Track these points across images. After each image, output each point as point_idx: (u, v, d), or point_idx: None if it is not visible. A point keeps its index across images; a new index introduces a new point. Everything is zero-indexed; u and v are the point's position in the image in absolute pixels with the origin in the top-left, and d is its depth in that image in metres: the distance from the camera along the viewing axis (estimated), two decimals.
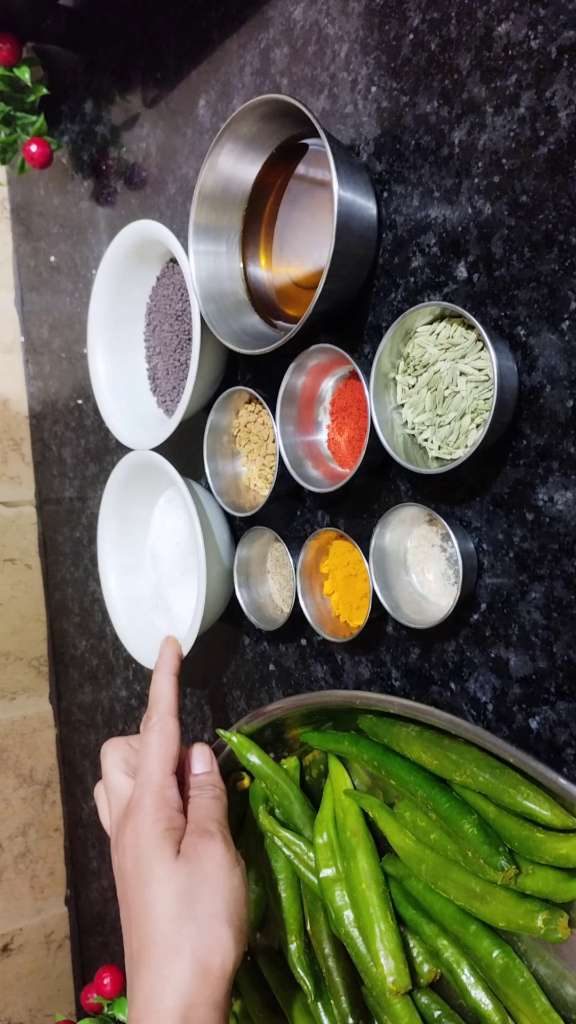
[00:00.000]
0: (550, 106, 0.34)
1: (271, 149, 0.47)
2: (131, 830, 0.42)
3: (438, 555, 0.42)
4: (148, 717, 0.47)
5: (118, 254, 0.58)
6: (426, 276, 0.40)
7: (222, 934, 0.39)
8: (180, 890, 0.39)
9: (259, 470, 0.53)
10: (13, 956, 0.91)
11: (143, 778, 0.44)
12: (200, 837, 0.42)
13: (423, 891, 0.43)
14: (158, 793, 0.43)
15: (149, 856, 0.40)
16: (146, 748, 0.45)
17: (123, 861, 0.42)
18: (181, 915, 0.38)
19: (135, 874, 0.41)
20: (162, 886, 0.39)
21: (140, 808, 0.42)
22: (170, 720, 0.46)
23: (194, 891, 0.39)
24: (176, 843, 0.41)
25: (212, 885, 0.40)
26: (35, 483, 0.94)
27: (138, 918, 0.39)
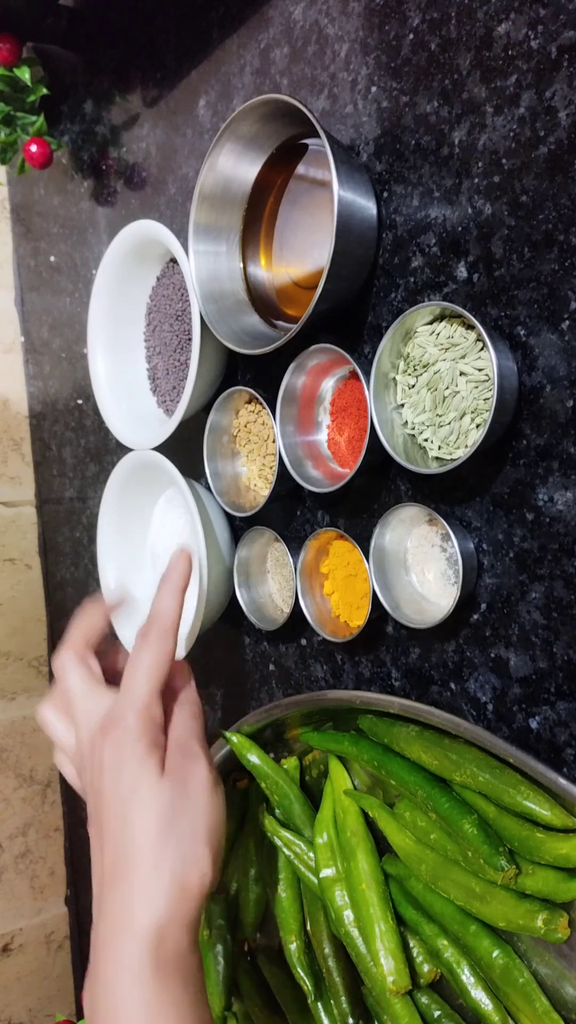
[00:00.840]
0: (550, 106, 0.34)
1: (271, 149, 0.47)
2: (112, 745, 0.40)
3: (438, 555, 0.42)
4: (147, 631, 0.44)
5: (118, 254, 0.58)
6: (426, 276, 0.40)
7: (201, 854, 0.38)
8: (163, 808, 0.38)
9: (259, 470, 0.53)
10: (13, 956, 0.91)
11: (129, 693, 0.41)
12: (183, 756, 0.41)
13: (423, 891, 0.43)
14: (144, 711, 0.41)
15: (132, 773, 0.39)
16: (138, 662, 0.42)
17: (100, 777, 0.40)
18: (163, 834, 0.38)
19: (114, 790, 0.39)
20: (145, 803, 0.38)
21: (123, 724, 0.40)
22: (169, 638, 0.44)
23: (176, 810, 0.39)
24: (160, 760, 0.40)
25: (195, 805, 0.39)
26: (35, 483, 0.94)
27: (116, 835, 0.38)
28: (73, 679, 0.45)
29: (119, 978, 0.35)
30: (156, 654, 0.43)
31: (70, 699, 0.45)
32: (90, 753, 0.42)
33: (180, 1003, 0.35)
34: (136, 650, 0.43)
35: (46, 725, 0.47)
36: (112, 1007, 0.35)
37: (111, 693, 0.44)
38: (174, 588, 0.46)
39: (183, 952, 0.37)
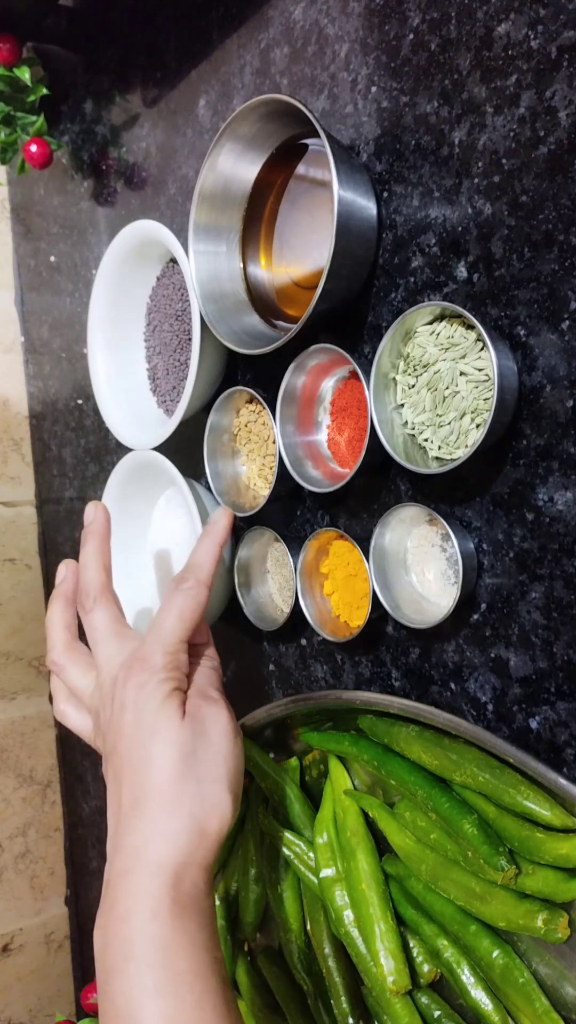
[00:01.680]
0: (550, 106, 0.34)
1: (271, 149, 0.47)
2: (136, 684, 0.40)
3: (438, 555, 0.42)
4: (183, 578, 0.44)
5: (118, 254, 0.58)
6: (426, 276, 0.40)
7: (222, 798, 0.38)
8: (184, 749, 0.38)
9: (259, 470, 0.53)
10: (13, 956, 0.91)
11: (158, 635, 0.41)
12: (204, 701, 0.41)
13: (423, 891, 0.43)
14: (172, 654, 0.41)
15: (155, 712, 0.39)
16: (171, 607, 0.42)
17: (121, 715, 0.40)
18: (184, 774, 0.38)
19: (135, 728, 0.39)
20: (166, 743, 0.38)
21: (150, 664, 0.40)
22: (204, 589, 0.44)
23: (197, 752, 0.39)
24: (182, 703, 0.40)
25: (215, 749, 0.39)
26: (35, 483, 0.94)
27: (136, 772, 0.38)
28: (100, 618, 0.44)
29: (136, 911, 0.35)
30: (190, 600, 0.43)
31: (95, 638, 0.44)
32: (111, 690, 0.41)
33: (195, 942, 0.35)
34: (170, 594, 0.43)
35: (61, 670, 0.46)
36: (127, 940, 0.35)
37: (136, 635, 0.44)
38: (214, 542, 0.46)
39: (199, 893, 0.37)
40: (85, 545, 0.47)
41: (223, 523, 0.47)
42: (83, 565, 0.46)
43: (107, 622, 0.44)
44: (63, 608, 0.48)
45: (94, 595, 0.45)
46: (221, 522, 0.47)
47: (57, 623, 0.47)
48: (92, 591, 0.45)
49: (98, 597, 0.45)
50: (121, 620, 0.45)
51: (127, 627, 0.45)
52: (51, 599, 0.48)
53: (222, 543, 0.47)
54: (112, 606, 0.45)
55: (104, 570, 0.46)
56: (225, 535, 0.47)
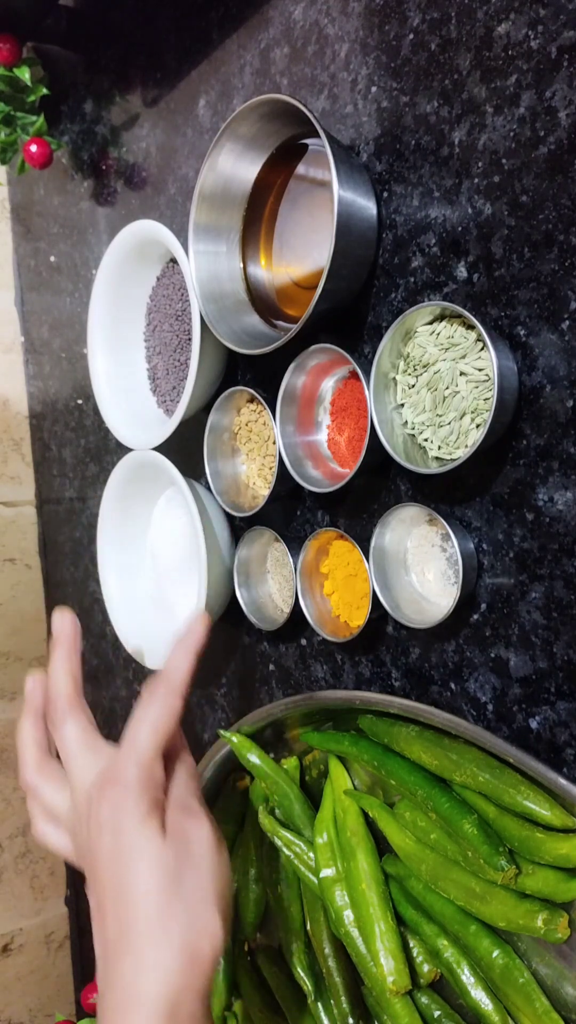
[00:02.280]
0: (550, 106, 0.34)
1: (271, 149, 0.47)
2: (111, 803, 0.38)
3: (438, 555, 0.42)
4: (155, 688, 0.42)
5: (118, 254, 0.58)
6: (426, 276, 0.40)
7: (211, 919, 0.36)
8: (167, 871, 0.36)
9: (259, 470, 0.53)
10: (13, 956, 0.91)
11: (132, 750, 0.39)
12: (184, 815, 0.39)
13: (423, 891, 0.43)
14: (146, 767, 0.39)
15: (132, 833, 0.37)
16: (144, 718, 0.40)
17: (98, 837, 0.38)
18: (168, 898, 0.36)
19: (114, 853, 0.37)
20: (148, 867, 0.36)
21: (124, 780, 0.38)
22: (177, 699, 0.42)
23: (182, 873, 0.37)
24: (162, 821, 0.38)
25: (200, 866, 0.37)
26: (35, 483, 0.94)
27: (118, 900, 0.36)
28: (71, 731, 0.42)
29: None
30: (163, 710, 0.41)
31: (67, 754, 0.42)
32: (86, 811, 0.39)
33: None
34: (143, 704, 0.41)
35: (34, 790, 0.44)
36: None
37: (110, 748, 0.42)
38: (188, 650, 0.44)
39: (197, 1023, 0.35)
40: (53, 654, 0.46)
41: (199, 630, 0.45)
42: (51, 676, 0.45)
43: (78, 735, 0.42)
44: (32, 724, 0.46)
45: (63, 708, 0.43)
46: (197, 630, 0.45)
47: (28, 741, 0.45)
48: (61, 704, 0.43)
49: (67, 710, 0.43)
50: (92, 732, 0.43)
51: (99, 739, 0.43)
52: (22, 715, 0.47)
53: (197, 649, 0.45)
54: (82, 718, 0.43)
55: (72, 680, 0.45)
56: (200, 643, 0.45)
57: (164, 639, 0.63)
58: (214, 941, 0.36)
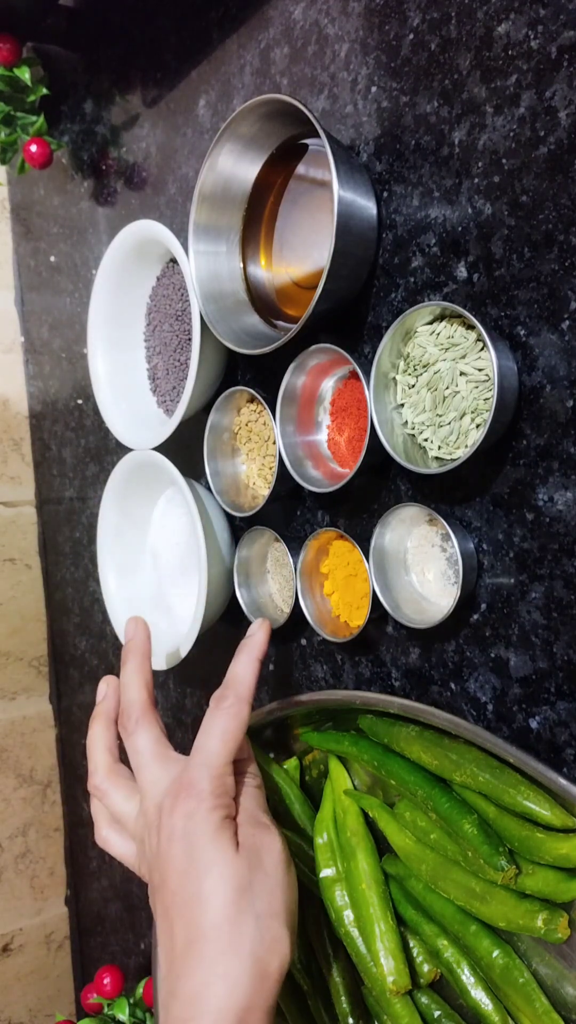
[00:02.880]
0: (550, 106, 0.34)
1: (271, 149, 0.47)
2: (185, 813, 0.38)
3: (438, 555, 0.42)
4: (223, 696, 0.42)
5: (118, 254, 0.58)
6: (426, 276, 0.40)
7: (281, 935, 0.36)
8: (241, 884, 0.36)
9: (259, 470, 0.53)
10: (13, 956, 0.91)
11: (204, 759, 0.39)
12: (257, 829, 0.39)
13: (423, 891, 0.43)
14: (219, 778, 0.39)
15: (206, 844, 0.37)
16: (213, 728, 0.40)
17: (169, 846, 0.38)
18: (241, 911, 0.35)
19: (187, 862, 0.37)
20: (221, 878, 0.36)
21: (197, 790, 0.38)
22: (245, 708, 0.42)
23: (254, 886, 0.36)
24: (234, 833, 0.38)
25: (272, 881, 0.37)
26: (35, 483, 0.94)
27: (188, 910, 0.36)
28: (143, 740, 0.42)
29: None
30: (232, 719, 0.41)
31: (138, 763, 0.42)
32: (157, 819, 0.39)
33: None
34: (211, 714, 0.41)
35: (103, 795, 0.44)
36: None
37: (181, 759, 0.42)
38: (252, 658, 0.44)
39: None
40: (126, 663, 0.46)
41: (260, 636, 0.45)
42: (124, 684, 0.45)
43: (150, 744, 0.42)
44: (104, 728, 0.46)
45: (136, 716, 0.43)
46: (258, 635, 0.45)
47: (98, 745, 0.46)
48: (134, 712, 0.43)
49: (140, 718, 0.43)
50: (164, 742, 0.43)
51: (170, 749, 0.43)
52: (92, 718, 0.47)
53: (261, 657, 0.44)
54: (155, 727, 0.43)
55: (146, 689, 0.45)
56: (263, 648, 0.45)
57: (164, 639, 0.63)
58: (283, 957, 0.36)
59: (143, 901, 0.79)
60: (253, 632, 0.46)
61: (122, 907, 0.83)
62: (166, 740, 0.43)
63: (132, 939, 0.82)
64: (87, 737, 0.46)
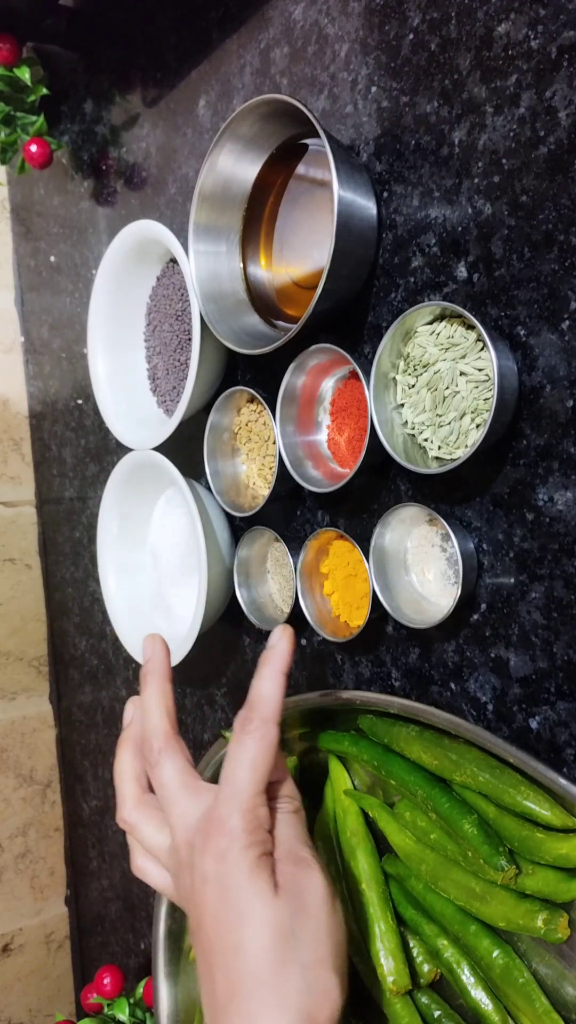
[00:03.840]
0: (550, 106, 0.34)
1: (271, 149, 0.47)
2: (215, 854, 0.35)
3: (438, 555, 0.42)
4: (247, 718, 0.38)
5: (118, 254, 0.58)
6: (426, 276, 0.40)
7: (329, 983, 0.33)
8: (282, 931, 0.33)
9: (259, 470, 0.53)
10: (13, 956, 0.91)
11: (232, 792, 0.36)
12: (297, 866, 0.36)
13: (423, 891, 0.43)
14: (250, 812, 0.36)
15: (242, 888, 0.34)
16: (240, 755, 0.37)
17: (203, 889, 0.35)
18: (284, 961, 0.33)
19: (222, 908, 0.34)
20: (260, 926, 0.33)
21: (227, 827, 0.35)
22: (273, 730, 0.38)
23: (297, 932, 0.34)
24: (271, 872, 0.35)
25: (316, 924, 0.34)
26: (35, 483, 0.94)
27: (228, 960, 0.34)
28: (167, 772, 0.39)
29: None
30: (258, 744, 0.37)
31: (164, 797, 0.39)
32: (189, 859, 0.37)
33: None
34: (236, 741, 0.38)
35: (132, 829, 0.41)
36: None
37: (210, 790, 0.39)
38: (276, 671, 0.40)
39: None
40: (145, 687, 0.43)
41: (284, 646, 0.40)
42: (144, 711, 0.42)
43: (175, 776, 0.39)
44: (132, 756, 0.43)
45: (159, 747, 0.40)
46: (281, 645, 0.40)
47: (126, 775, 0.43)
48: (156, 742, 0.40)
49: (163, 749, 0.40)
50: (190, 771, 0.40)
51: (198, 779, 0.40)
52: (119, 744, 0.44)
53: (286, 669, 0.40)
54: (179, 757, 0.40)
55: (167, 715, 0.42)
56: (288, 660, 0.40)
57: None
58: (333, 1007, 0.33)
59: (143, 901, 0.79)
60: (274, 642, 0.41)
61: (122, 907, 0.83)
62: (193, 769, 0.40)
63: (132, 939, 0.82)
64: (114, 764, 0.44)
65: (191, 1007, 0.59)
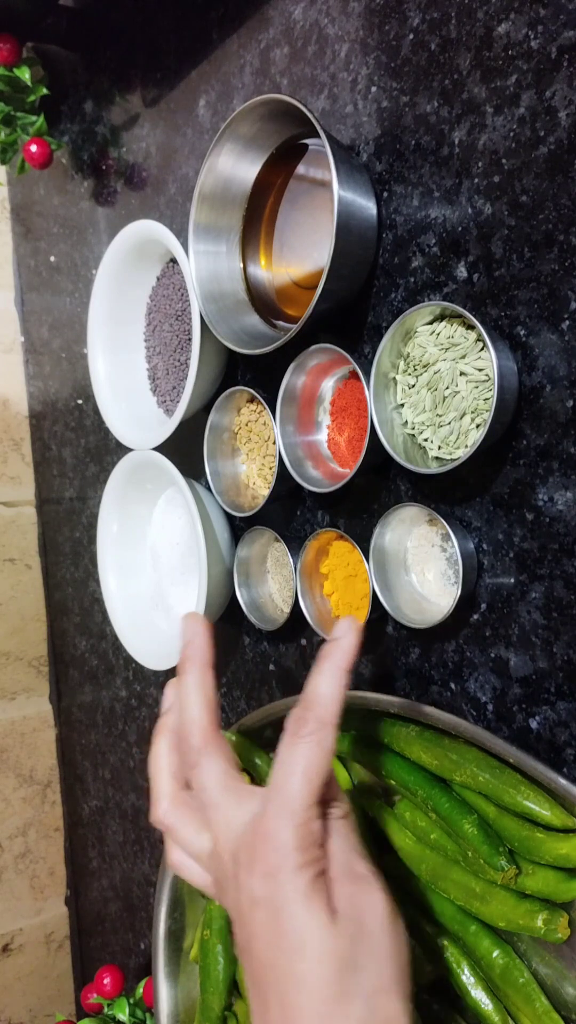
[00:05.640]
0: (550, 106, 0.34)
1: (271, 149, 0.47)
2: (264, 873, 0.31)
3: (438, 555, 0.42)
4: (302, 719, 0.34)
5: (118, 254, 0.58)
6: (426, 276, 0.40)
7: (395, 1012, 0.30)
8: (342, 963, 0.30)
9: (259, 470, 0.53)
10: (13, 956, 0.91)
11: (284, 803, 0.32)
12: (355, 884, 0.32)
13: (423, 891, 0.43)
14: (303, 826, 0.32)
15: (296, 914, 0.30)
16: (293, 762, 0.33)
17: (251, 912, 0.32)
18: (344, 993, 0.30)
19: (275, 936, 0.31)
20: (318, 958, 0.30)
21: (277, 843, 0.32)
22: (330, 733, 0.34)
23: (357, 960, 0.31)
24: (328, 896, 0.31)
25: (379, 949, 0.31)
26: (35, 483, 0.94)
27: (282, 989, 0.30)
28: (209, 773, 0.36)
29: None
30: (315, 750, 0.33)
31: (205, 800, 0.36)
32: (233, 871, 0.33)
33: None
34: (289, 745, 0.34)
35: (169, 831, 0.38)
36: None
37: (255, 793, 0.35)
38: (338, 667, 0.36)
39: None
40: (184, 674, 0.39)
41: (349, 641, 0.36)
42: (183, 704, 0.38)
43: (218, 778, 0.36)
44: (169, 748, 0.40)
45: (199, 745, 0.37)
46: (346, 639, 0.36)
47: (162, 770, 0.39)
48: (196, 740, 0.37)
49: (204, 747, 0.36)
50: (233, 773, 0.36)
51: (241, 781, 0.36)
52: (155, 733, 0.40)
53: (349, 668, 0.36)
54: (221, 756, 0.36)
55: (208, 708, 0.38)
56: (353, 657, 0.36)
57: (164, 639, 0.63)
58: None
59: (143, 901, 0.79)
60: (340, 635, 0.37)
61: (122, 907, 0.83)
62: (235, 770, 0.37)
63: (132, 939, 0.82)
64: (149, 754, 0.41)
65: (191, 1007, 0.59)
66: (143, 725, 0.75)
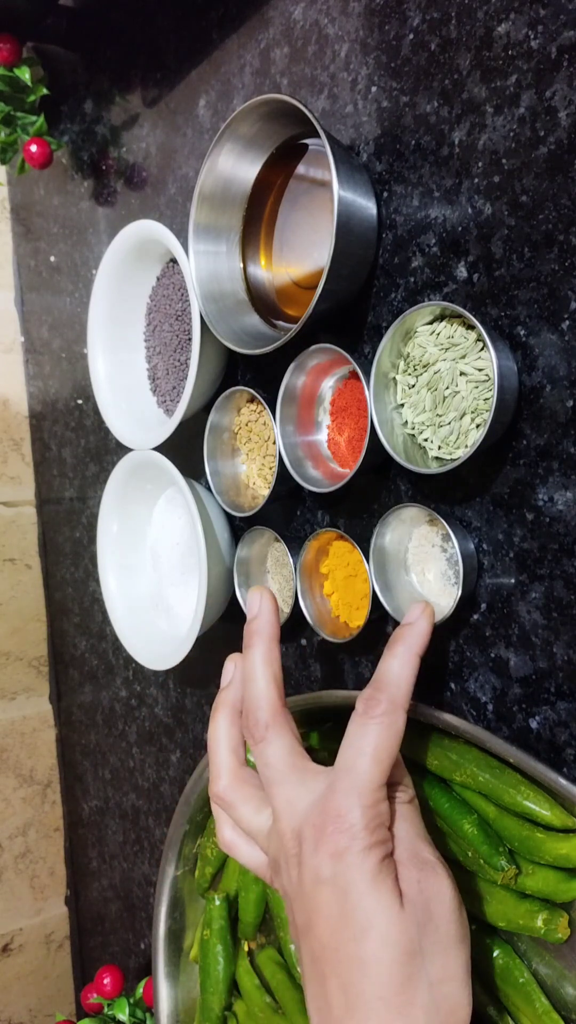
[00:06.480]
0: (550, 106, 0.34)
1: (271, 149, 0.47)
2: (332, 852, 0.31)
3: (438, 555, 0.42)
4: (373, 699, 0.34)
5: (118, 254, 0.58)
6: (426, 276, 0.40)
7: (459, 1001, 0.30)
8: (410, 947, 0.30)
9: (259, 470, 0.53)
10: (13, 956, 0.91)
11: (353, 783, 0.32)
12: (421, 870, 0.32)
13: None
14: (372, 807, 0.32)
15: (363, 897, 0.30)
16: (363, 742, 0.33)
17: (316, 890, 0.31)
18: (410, 979, 0.30)
19: (339, 915, 0.31)
20: (385, 942, 0.30)
21: (347, 823, 0.31)
22: (401, 716, 0.34)
23: (425, 947, 0.30)
24: (395, 879, 0.31)
25: (445, 937, 0.31)
26: (35, 483, 0.94)
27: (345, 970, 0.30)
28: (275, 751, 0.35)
29: None
30: (385, 731, 0.33)
31: (269, 778, 0.35)
32: (296, 850, 0.33)
33: None
34: (359, 724, 0.34)
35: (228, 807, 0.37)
36: None
37: (321, 773, 0.34)
38: (411, 650, 0.36)
39: None
40: (250, 647, 0.37)
41: (423, 625, 0.36)
42: (248, 677, 0.37)
43: (283, 756, 0.35)
44: (230, 723, 0.39)
45: (265, 720, 0.36)
46: (420, 624, 0.36)
47: (222, 744, 0.38)
48: (263, 716, 0.36)
49: (270, 723, 0.36)
50: (299, 751, 0.36)
51: (307, 760, 0.35)
52: (215, 707, 0.40)
53: (422, 651, 0.36)
54: (287, 734, 0.36)
55: (275, 684, 0.37)
56: (425, 640, 0.36)
57: (164, 639, 0.63)
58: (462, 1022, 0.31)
59: (143, 901, 0.79)
60: (413, 619, 0.36)
61: (122, 907, 0.83)
62: (301, 748, 0.36)
63: (132, 939, 0.82)
64: (208, 730, 0.40)
65: (191, 1007, 0.59)
66: (143, 725, 0.75)
